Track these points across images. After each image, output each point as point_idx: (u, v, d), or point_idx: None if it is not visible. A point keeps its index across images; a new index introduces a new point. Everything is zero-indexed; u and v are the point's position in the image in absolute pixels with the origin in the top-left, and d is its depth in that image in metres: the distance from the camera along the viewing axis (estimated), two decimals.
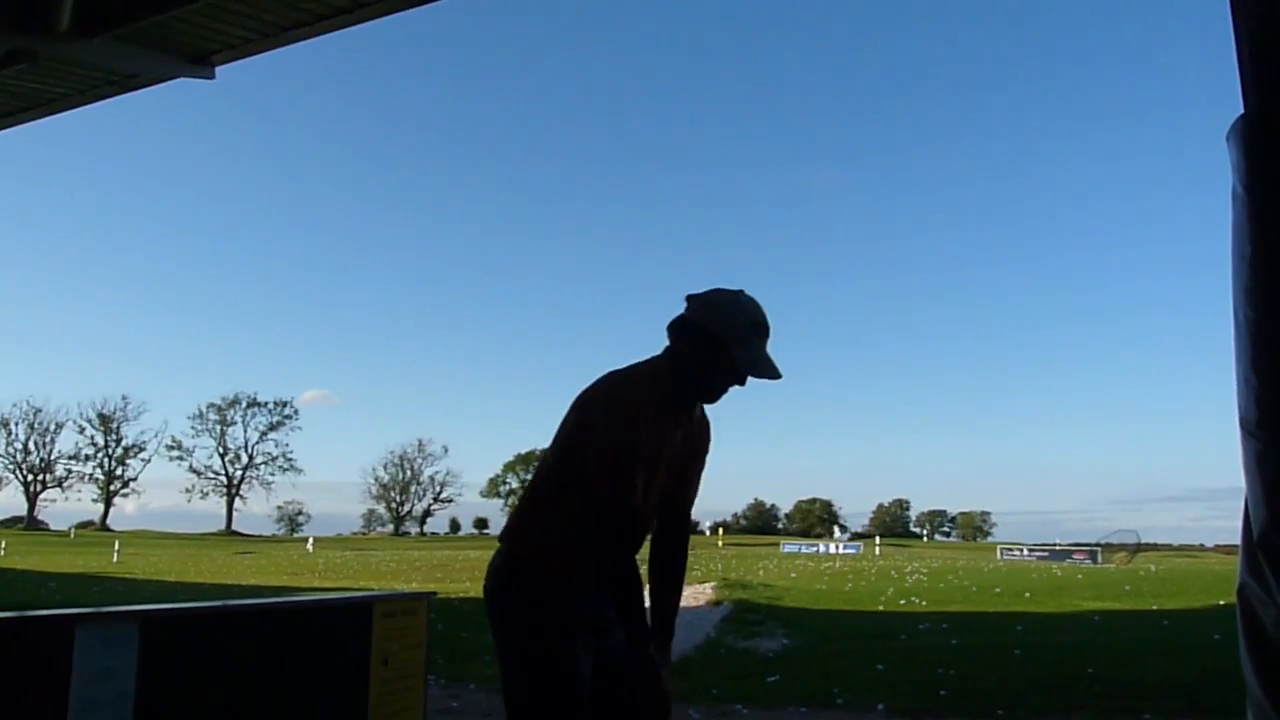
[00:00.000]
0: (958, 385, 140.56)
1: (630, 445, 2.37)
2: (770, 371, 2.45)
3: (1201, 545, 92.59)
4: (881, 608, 14.96)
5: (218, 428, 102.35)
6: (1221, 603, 13.97)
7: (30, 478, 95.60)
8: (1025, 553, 51.27)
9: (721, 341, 2.39)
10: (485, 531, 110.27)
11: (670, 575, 2.71)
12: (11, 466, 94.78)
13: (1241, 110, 1.25)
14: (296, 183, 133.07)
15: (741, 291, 2.49)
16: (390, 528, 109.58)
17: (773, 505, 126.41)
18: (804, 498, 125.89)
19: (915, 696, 6.85)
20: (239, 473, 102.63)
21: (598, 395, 2.48)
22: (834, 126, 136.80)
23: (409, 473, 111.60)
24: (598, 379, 2.54)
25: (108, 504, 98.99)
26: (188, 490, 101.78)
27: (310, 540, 67.84)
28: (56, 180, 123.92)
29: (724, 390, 2.50)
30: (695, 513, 2.85)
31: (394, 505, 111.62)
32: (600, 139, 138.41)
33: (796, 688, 7.42)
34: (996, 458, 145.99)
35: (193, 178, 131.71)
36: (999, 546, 58.50)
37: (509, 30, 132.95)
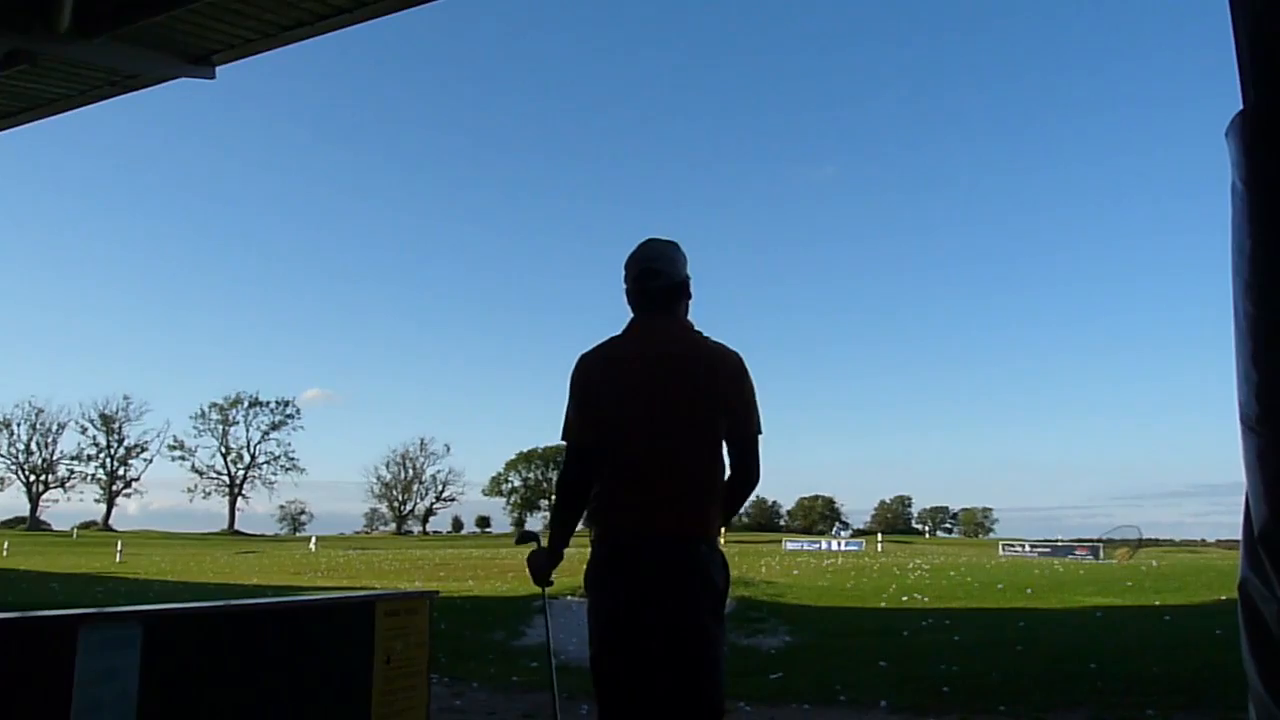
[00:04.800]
0: (959, 382, 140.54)
1: None
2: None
3: (1203, 540, 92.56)
4: (884, 604, 14.97)
5: (220, 427, 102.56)
6: (1223, 598, 13.96)
7: (32, 478, 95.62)
8: (1027, 549, 51.17)
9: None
10: (488, 530, 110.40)
11: None
12: (14, 467, 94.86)
13: (1241, 106, 1.25)
14: (297, 182, 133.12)
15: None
16: (393, 527, 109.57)
17: (774, 502, 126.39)
18: (806, 495, 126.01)
19: (918, 693, 6.85)
20: (241, 472, 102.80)
21: (746, 366, 2.80)
22: (834, 124, 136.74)
23: (411, 471, 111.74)
24: (737, 354, 2.81)
25: (110, 504, 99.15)
26: (190, 490, 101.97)
27: (313, 539, 67.83)
28: (57, 181, 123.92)
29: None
30: None
31: (396, 504, 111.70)
32: (601, 137, 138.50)
33: (799, 685, 7.43)
34: (998, 454, 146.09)
35: (194, 177, 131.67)
36: (1001, 543, 58.44)
37: (510, 28, 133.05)
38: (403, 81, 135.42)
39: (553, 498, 2.93)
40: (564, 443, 2.87)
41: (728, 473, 2.79)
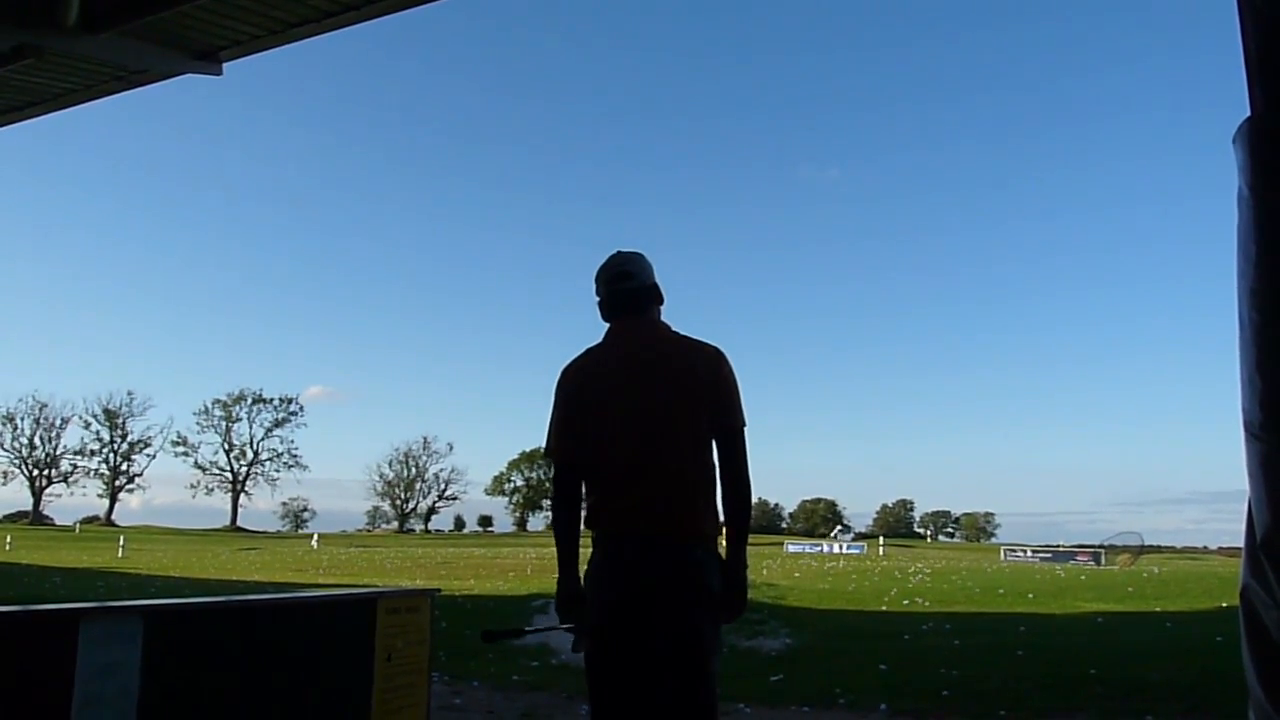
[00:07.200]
0: (962, 386, 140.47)
1: None
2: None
3: (1204, 547, 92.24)
4: (885, 608, 14.94)
5: (223, 424, 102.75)
6: (1224, 605, 13.92)
7: (36, 473, 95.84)
8: (1029, 554, 51.09)
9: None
10: (490, 529, 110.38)
11: None
12: (17, 461, 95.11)
13: (1248, 112, 1.24)
14: (302, 179, 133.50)
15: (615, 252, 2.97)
16: (395, 525, 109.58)
17: (777, 505, 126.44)
18: (808, 498, 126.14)
19: (918, 697, 6.84)
20: (244, 469, 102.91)
21: (725, 360, 2.78)
22: (837, 126, 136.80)
23: (414, 470, 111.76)
24: (714, 349, 2.80)
25: (113, 499, 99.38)
26: (193, 486, 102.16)
27: (315, 537, 67.95)
28: (63, 176, 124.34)
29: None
30: None
31: (399, 502, 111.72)
32: (604, 139, 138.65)
33: (799, 687, 7.42)
34: (1000, 459, 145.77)
35: (199, 174, 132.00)
36: (1002, 548, 58.27)
37: (516, 29, 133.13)
38: (408, 81, 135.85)
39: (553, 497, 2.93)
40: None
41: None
